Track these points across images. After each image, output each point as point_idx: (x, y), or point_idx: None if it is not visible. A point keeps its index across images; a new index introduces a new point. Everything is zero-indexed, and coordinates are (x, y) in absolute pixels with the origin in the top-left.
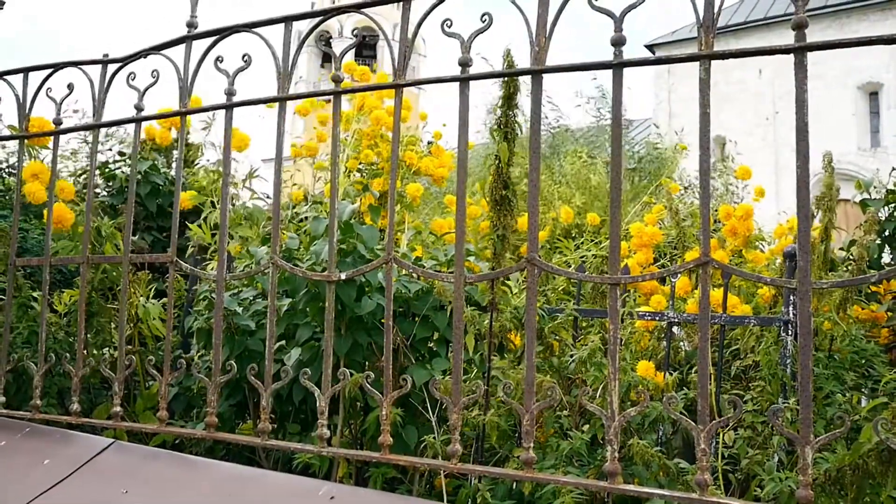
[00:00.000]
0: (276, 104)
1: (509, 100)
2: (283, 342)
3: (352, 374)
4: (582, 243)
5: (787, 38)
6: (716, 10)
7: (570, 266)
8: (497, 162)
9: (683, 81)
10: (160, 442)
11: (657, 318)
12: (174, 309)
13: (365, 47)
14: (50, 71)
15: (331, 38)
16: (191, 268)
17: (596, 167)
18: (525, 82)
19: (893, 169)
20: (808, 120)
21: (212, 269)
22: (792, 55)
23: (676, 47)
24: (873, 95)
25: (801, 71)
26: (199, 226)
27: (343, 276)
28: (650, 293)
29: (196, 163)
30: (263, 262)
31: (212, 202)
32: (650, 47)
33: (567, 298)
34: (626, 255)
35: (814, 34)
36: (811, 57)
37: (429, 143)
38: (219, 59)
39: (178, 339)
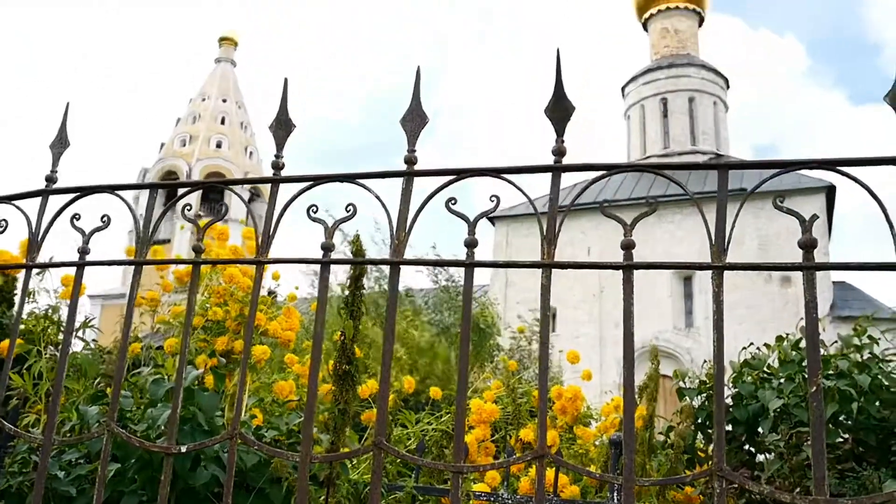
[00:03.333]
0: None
1: (357, 281)
2: None
3: None
4: (423, 417)
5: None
6: (556, 229)
7: (410, 439)
8: (343, 338)
9: (520, 252)
10: None
11: (492, 499)
12: None
13: (212, 190)
14: None
15: (177, 178)
16: (15, 429)
17: (418, 325)
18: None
19: (705, 361)
20: (634, 329)
21: (28, 422)
22: (623, 257)
23: (515, 221)
24: (688, 280)
25: (628, 286)
26: (22, 374)
27: (183, 449)
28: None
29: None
30: (95, 427)
31: (38, 350)
32: (491, 220)
33: (407, 472)
34: (465, 428)
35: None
36: (636, 235)
37: (270, 292)
38: (76, 217)
39: None
